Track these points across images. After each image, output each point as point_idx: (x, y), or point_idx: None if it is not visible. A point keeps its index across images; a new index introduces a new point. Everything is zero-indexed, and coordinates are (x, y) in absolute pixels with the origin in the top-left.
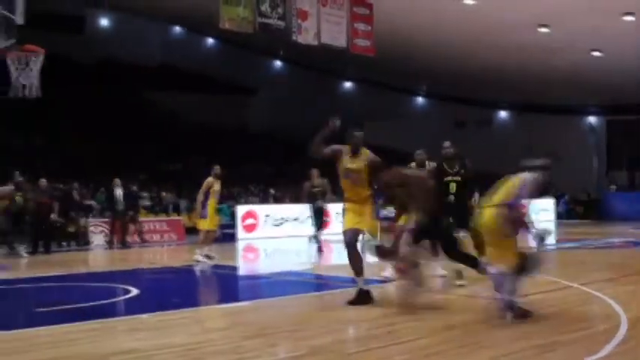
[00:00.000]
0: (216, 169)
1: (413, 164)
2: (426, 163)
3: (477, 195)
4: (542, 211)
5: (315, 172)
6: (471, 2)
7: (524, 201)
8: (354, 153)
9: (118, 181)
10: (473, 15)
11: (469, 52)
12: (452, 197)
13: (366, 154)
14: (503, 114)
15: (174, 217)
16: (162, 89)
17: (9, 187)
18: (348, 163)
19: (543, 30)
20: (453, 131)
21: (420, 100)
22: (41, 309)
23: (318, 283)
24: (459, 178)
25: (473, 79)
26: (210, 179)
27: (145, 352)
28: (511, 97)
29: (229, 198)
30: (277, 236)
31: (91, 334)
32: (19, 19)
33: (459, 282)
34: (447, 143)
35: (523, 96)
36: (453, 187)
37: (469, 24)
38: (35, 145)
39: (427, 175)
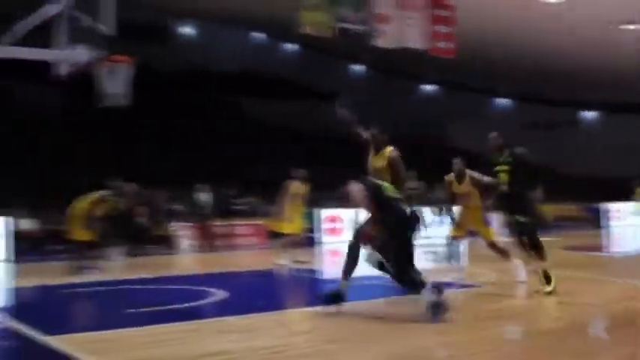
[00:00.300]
0: (299, 172)
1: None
2: (465, 172)
3: (540, 190)
4: None
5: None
6: (555, 0)
7: None
8: (377, 150)
9: (202, 186)
10: (557, 13)
11: (553, 51)
12: (504, 187)
13: (388, 151)
14: (590, 114)
15: (258, 221)
16: (244, 95)
17: (107, 192)
18: (372, 160)
19: (631, 27)
20: (536, 132)
21: (501, 101)
22: (131, 310)
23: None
24: (507, 167)
25: (558, 78)
26: (292, 183)
27: (232, 354)
28: (599, 97)
29: (312, 202)
30: None
31: (179, 335)
32: (110, 30)
33: (547, 288)
34: (492, 134)
35: (613, 95)
36: (503, 177)
37: (553, 22)
38: (125, 151)
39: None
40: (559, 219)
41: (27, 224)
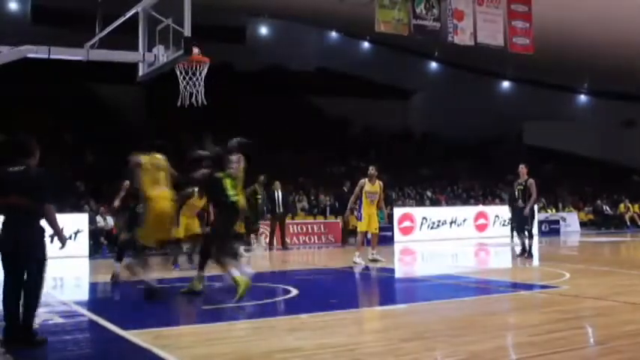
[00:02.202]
0: (370, 169)
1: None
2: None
3: None
4: None
5: (523, 168)
6: None
7: None
8: None
9: (278, 184)
10: None
11: (638, 44)
12: None
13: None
14: None
15: (332, 219)
16: (320, 94)
17: (188, 191)
18: None
19: None
20: (621, 131)
21: (582, 98)
22: (207, 307)
23: (476, 287)
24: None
25: None
26: (362, 180)
27: (306, 352)
28: None
29: (387, 200)
30: (434, 239)
31: (252, 332)
32: (186, 31)
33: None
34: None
35: None
36: None
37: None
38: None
39: None
40: None
41: (105, 221)
